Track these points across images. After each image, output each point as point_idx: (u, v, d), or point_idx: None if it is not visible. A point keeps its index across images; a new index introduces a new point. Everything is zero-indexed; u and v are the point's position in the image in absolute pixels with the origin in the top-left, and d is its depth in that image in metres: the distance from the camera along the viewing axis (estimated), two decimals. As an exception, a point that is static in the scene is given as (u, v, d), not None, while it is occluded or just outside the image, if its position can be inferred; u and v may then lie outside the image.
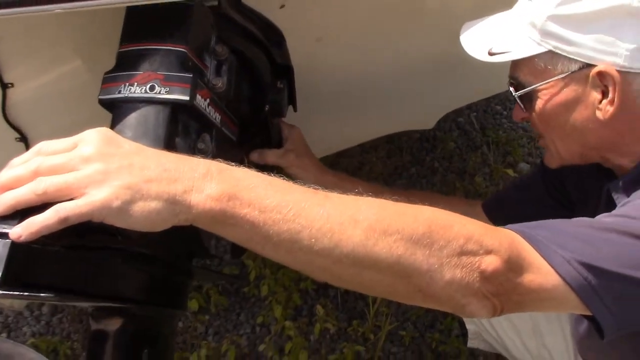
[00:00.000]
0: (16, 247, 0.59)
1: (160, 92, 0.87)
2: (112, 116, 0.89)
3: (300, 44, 1.21)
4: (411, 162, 2.52)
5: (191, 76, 0.88)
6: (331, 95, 1.39)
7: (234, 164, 0.70)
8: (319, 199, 0.67)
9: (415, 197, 0.84)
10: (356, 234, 0.66)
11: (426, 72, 1.42)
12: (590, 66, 0.91)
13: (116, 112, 0.88)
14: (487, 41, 1.02)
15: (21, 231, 0.59)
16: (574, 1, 0.90)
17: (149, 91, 0.86)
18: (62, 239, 0.62)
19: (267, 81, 1.16)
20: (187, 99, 0.87)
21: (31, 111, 1.22)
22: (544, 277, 0.73)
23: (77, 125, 0.87)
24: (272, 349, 1.79)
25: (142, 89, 0.86)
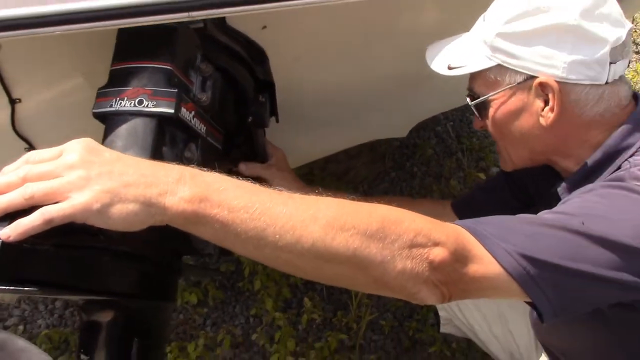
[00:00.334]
0: (6, 247, 0.60)
1: (148, 105, 0.88)
2: (104, 127, 0.90)
3: (280, 62, 1.23)
4: (393, 167, 2.54)
5: (176, 91, 0.90)
6: (311, 107, 1.41)
7: (206, 169, 0.71)
8: (282, 199, 0.69)
9: (389, 202, 0.86)
10: (316, 230, 0.68)
11: (397, 86, 1.44)
12: (533, 78, 0.94)
13: (108, 124, 0.90)
14: (447, 57, 1.05)
15: (10, 232, 0.60)
16: (519, 20, 0.93)
17: (137, 105, 0.88)
18: (50, 238, 0.64)
19: (250, 95, 1.18)
20: (172, 111, 0.89)
21: (37, 124, 1.24)
22: (487, 268, 0.75)
23: (79, 136, 0.89)
24: (264, 337, 1.81)
25: (132, 102, 0.88)
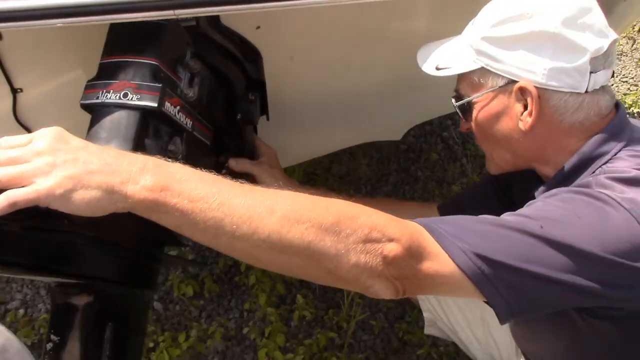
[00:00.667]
0: None
1: (132, 98, 0.91)
2: (90, 118, 0.93)
3: (274, 62, 1.25)
4: (397, 170, 2.55)
5: (160, 86, 0.92)
6: (304, 108, 1.43)
7: (171, 160, 0.73)
8: (242, 190, 0.72)
9: (377, 203, 0.88)
10: (272, 222, 0.70)
11: (391, 89, 1.46)
12: (514, 82, 0.95)
13: (94, 115, 0.93)
14: (437, 59, 1.07)
15: None
16: (503, 25, 0.95)
17: (122, 98, 0.91)
18: (18, 221, 0.67)
19: (240, 93, 1.20)
20: (155, 105, 0.91)
21: (38, 113, 1.28)
22: (441, 265, 0.77)
23: (78, 126, 0.92)
24: (255, 332, 1.83)
25: (117, 95, 0.91)
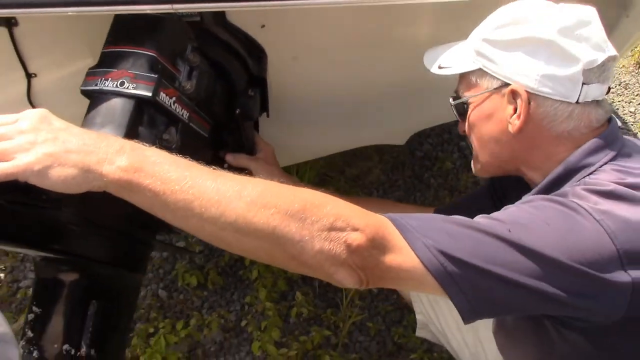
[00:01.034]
0: None
1: (128, 87, 0.95)
2: (88, 104, 0.97)
3: (278, 61, 1.28)
4: (410, 176, 2.56)
5: (156, 76, 0.96)
6: (307, 108, 1.45)
7: (147, 144, 0.77)
8: (213, 175, 0.75)
9: (375, 203, 0.90)
10: (239, 206, 0.73)
11: (395, 92, 1.47)
12: (508, 85, 0.97)
13: (92, 101, 0.97)
14: (441, 59, 1.10)
15: None
16: (503, 28, 0.98)
17: (119, 86, 0.95)
18: (0, 195, 0.71)
19: (240, 88, 1.23)
20: (149, 94, 0.95)
21: (50, 98, 1.33)
22: (403, 258, 0.79)
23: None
24: (253, 325, 1.85)
25: (114, 83, 0.95)
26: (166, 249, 1.40)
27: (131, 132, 0.94)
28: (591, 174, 0.93)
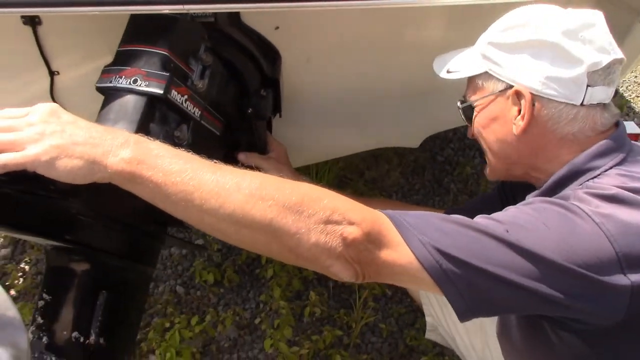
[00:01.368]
0: None
1: (141, 85, 0.98)
2: (103, 100, 1.00)
3: (291, 62, 1.30)
4: (430, 180, 2.55)
5: (168, 75, 0.99)
6: (321, 109, 1.47)
7: (152, 139, 0.79)
8: (213, 168, 0.77)
9: (386, 204, 0.90)
10: (238, 198, 0.75)
11: (409, 95, 1.48)
12: (512, 87, 0.98)
13: (106, 97, 1.00)
14: (450, 64, 1.10)
15: None
16: (508, 31, 0.99)
17: (132, 83, 0.98)
18: (10, 183, 0.74)
19: (253, 88, 1.25)
20: (161, 92, 0.97)
21: (72, 95, 1.37)
22: (399, 254, 0.79)
23: None
24: (267, 323, 1.87)
25: (128, 81, 0.98)
26: (185, 246, 1.43)
27: (143, 128, 0.96)
28: (595, 177, 0.92)
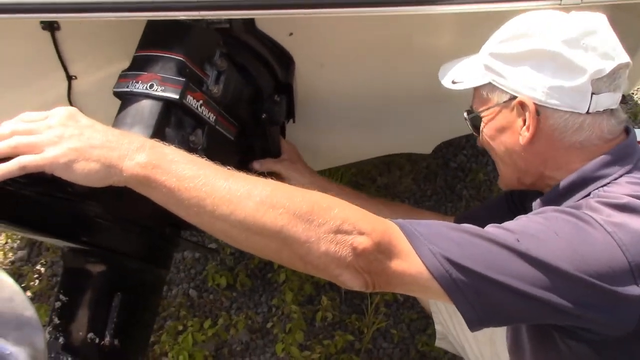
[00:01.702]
0: None
1: (157, 90, 0.99)
2: (120, 104, 1.02)
3: (305, 68, 1.31)
4: (442, 187, 2.55)
5: (184, 80, 1.00)
6: (333, 114, 1.47)
7: (167, 144, 0.80)
8: (226, 175, 0.78)
9: (399, 208, 0.89)
10: (249, 205, 0.75)
11: (421, 101, 1.47)
12: (516, 98, 0.97)
13: (123, 102, 1.02)
14: (455, 73, 1.10)
15: None
16: (509, 41, 0.98)
17: (148, 88, 0.99)
18: (30, 185, 0.75)
19: (267, 94, 1.26)
20: (177, 97, 0.99)
21: (89, 99, 1.39)
22: (409, 264, 0.79)
23: None
24: (278, 327, 1.88)
25: (144, 86, 1.00)
26: (198, 249, 1.44)
27: (158, 133, 0.97)
28: (605, 185, 0.92)
